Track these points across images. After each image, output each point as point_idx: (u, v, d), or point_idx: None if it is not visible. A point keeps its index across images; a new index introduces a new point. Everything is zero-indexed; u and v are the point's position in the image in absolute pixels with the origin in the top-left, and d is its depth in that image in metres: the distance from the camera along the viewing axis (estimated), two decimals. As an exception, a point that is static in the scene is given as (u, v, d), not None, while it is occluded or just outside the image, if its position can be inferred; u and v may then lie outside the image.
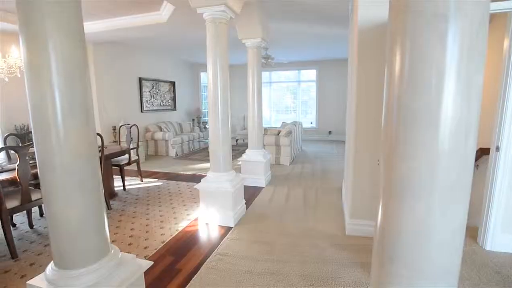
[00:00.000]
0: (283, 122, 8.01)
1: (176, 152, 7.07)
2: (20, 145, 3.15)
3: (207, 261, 2.45)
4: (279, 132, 6.25)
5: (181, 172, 5.49)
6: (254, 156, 4.52)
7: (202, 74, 10.03)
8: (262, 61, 5.23)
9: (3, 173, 2.63)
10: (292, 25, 5.04)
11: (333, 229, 3.01)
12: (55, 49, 1.21)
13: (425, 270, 0.99)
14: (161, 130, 7.28)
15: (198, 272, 2.29)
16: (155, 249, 2.65)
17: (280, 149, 6.04)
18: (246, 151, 4.65)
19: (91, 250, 1.38)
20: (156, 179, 5.03)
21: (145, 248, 2.67)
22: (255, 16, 3.98)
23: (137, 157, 4.73)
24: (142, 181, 4.87)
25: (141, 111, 7.31)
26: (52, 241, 1.36)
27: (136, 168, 4.91)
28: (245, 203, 3.53)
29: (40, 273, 2.28)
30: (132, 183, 4.80)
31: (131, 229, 3.07)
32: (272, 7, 4.10)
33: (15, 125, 5.00)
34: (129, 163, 4.44)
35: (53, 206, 1.31)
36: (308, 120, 10.02)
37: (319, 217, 3.34)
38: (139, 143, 5.37)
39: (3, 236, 2.84)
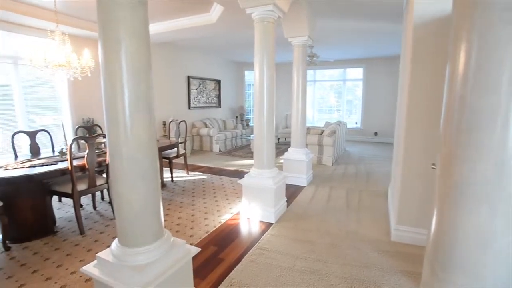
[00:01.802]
0: (326, 122, 7.84)
1: (219, 148, 7.33)
2: (88, 136, 3.56)
3: (248, 254, 2.53)
4: (322, 132, 6.14)
5: (224, 167, 5.69)
6: (297, 154, 4.51)
7: (247, 73, 10.23)
8: (307, 59, 5.18)
9: (75, 160, 2.99)
10: (339, 22, 4.90)
11: (377, 233, 2.90)
12: (126, 51, 1.36)
13: (483, 278, 0.93)
14: (206, 126, 7.61)
15: (240, 263, 2.38)
16: (200, 238, 2.81)
17: (322, 149, 5.93)
18: (289, 149, 4.66)
19: (149, 232, 1.53)
20: (200, 173, 5.29)
21: (190, 236, 2.85)
22: (302, 14, 3.96)
23: (184, 151, 5.02)
24: (188, 174, 5.16)
25: (189, 108, 7.72)
26: (118, 221, 1.53)
27: (183, 162, 5.21)
28: (286, 201, 3.55)
29: (103, 249, 2.57)
30: (179, 175, 5.11)
31: (178, 218, 3.28)
32: (320, 4, 4.04)
33: (83, 119, 5.63)
34: (177, 157, 4.74)
35: (119, 190, 1.47)
36: (352, 120, 9.65)
37: (362, 220, 3.23)
38: (186, 138, 5.68)
39: (73, 214, 3.24)
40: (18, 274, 2.25)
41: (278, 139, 8.73)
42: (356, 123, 9.56)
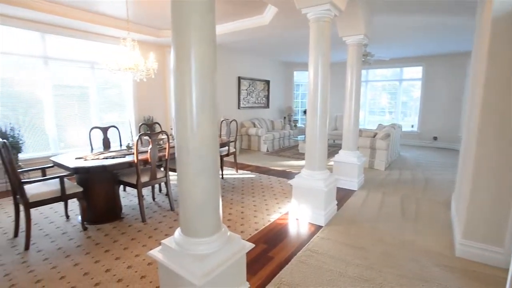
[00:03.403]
0: (379, 124, 7.42)
1: (267, 148, 7.42)
2: (149, 132, 3.88)
3: (297, 254, 2.53)
4: (375, 135, 5.83)
5: (272, 167, 5.75)
6: (348, 157, 4.36)
7: (295, 73, 10.17)
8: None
9: (140, 154, 3.29)
10: (399, 18, 4.60)
11: (437, 246, 2.67)
12: (195, 55, 1.47)
13: None
14: (254, 126, 7.76)
15: (289, 263, 2.39)
16: (250, 234, 2.89)
17: (375, 153, 5.63)
18: (340, 151, 4.53)
19: (209, 224, 1.63)
20: (249, 172, 5.42)
21: (241, 232, 2.94)
22: (359, 11, 3.82)
23: (234, 150, 5.18)
24: (237, 172, 5.32)
25: (238, 108, 7.94)
26: (181, 211, 1.66)
27: (232, 160, 5.38)
28: (336, 204, 3.46)
29: (161, 237, 2.79)
30: (229, 172, 5.29)
31: (229, 214, 3.41)
32: (378, 0, 3.84)
33: (144, 117, 6.15)
34: (227, 155, 4.92)
35: (184, 183, 1.60)
36: (406, 123, 8.98)
37: (420, 230, 3.00)
38: (236, 137, 5.86)
39: (136, 203, 3.57)
40: (93, 252, 2.56)
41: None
42: (412, 126, 8.88)
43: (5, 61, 4.30)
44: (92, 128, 3.97)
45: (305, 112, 9.75)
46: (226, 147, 4.84)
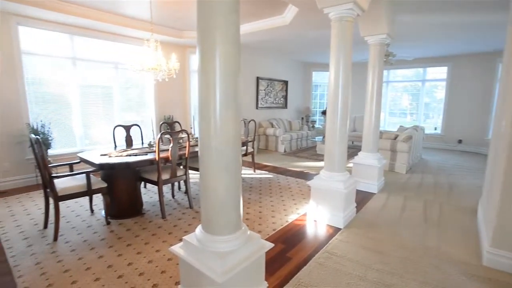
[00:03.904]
0: (400, 126, 7.22)
1: (284, 148, 7.40)
2: (170, 131, 3.97)
3: (315, 256, 2.51)
4: (396, 137, 5.68)
5: (289, 168, 5.72)
6: (368, 159, 4.27)
7: (314, 74, 10.07)
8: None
9: (161, 152, 3.37)
10: (423, 16, 4.46)
11: (463, 254, 2.57)
12: (220, 56, 1.49)
13: None
14: (272, 127, 7.76)
15: (307, 265, 2.38)
16: (268, 234, 2.89)
17: (396, 155, 5.49)
18: (359, 153, 4.44)
19: (230, 222, 1.65)
20: (266, 172, 5.42)
21: (259, 232, 2.95)
22: (382, 10, 3.73)
23: (252, 150, 5.20)
24: (255, 171, 5.34)
25: (256, 108, 7.96)
26: (203, 209, 1.69)
27: (250, 160, 5.41)
28: (355, 207, 3.40)
29: (181, 233, 2.85)
30: (246, 172, 5.32)
31: (247, 213, 3.43)
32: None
33: (164, 116, 6.30)
34: (245, 154, 4.94)
35: (206, 181, 1.62)
36: (428, 125, 8.67)
37: (444, 237, 2.90)
38: (254, 137, 5.88)
39: (156, 200, 3.66)
40: (116, 245, 2.65)
41: (345, 142, 8.37)
42: (435, 129, 8.57)
43: (37, 62, 4.54)
44: (116, 126, 4.11)
45: (323, 113, 9.64)
46: (244, 147, 4.87)
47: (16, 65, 4.26)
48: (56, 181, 2.77)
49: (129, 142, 4.19)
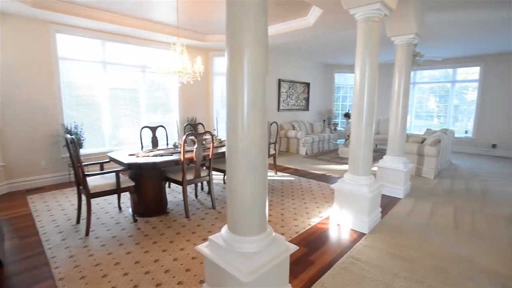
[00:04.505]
0: (427, 129, 6.93)
1: (306, 151, 7.33)
2: (193, 132, 4.06)
3: (339, 261, 2.46)
4: (423, 140, 5.46)
5: (311, 171, 5.66)
6: (393, 163, 4.14)
7: (336, 75, 9.92)
8: (411, 59, 4.69)
9: (186, 153, 3.46)
10: (454, 14, 4.27)
11: (500, 266, 2.42)
12: (248, 58, 1.51)
13: None
14: (293, 129, 7.71)
15: (331, 269, 2.34)
16: (290, 237, 2.88)
17: (423, 159, 5.27)
18: (384, 157, 4.32)
19: (256, 223, 1.66)
20: (288, 174, 5.40)
21: (281, 234, 2.94)
22: (410, 9, 3.62)
23: (274, 152, 5.20)
24: (276, 174, 5.33)
25: (278, 110, 7.96)
26: (229, 209, 1.72)
27: (271, 162, 5.40)
28: (380, 212, 3.31)
29: (204, 233, 2.90)
30: (268, 174, 5.28)
31: (269, 215, 3.42)
32: (433, -3, 3.62)
33: (187, 117, 6.45)
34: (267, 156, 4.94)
35: (233, 182, 1.65)
36: (457, 128, 8.26)
37: (478, 246, 2.74)
38: (276, 139, 5.88)
39: (180, 200, 3.75)
40: (143, 242, 2.75)
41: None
42: (466, 132, 8.16)
43: (71, 66, 4.81)
44: (143, 127, 4.26)
45: (345, 115, 9.45)
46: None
47: (54, 70, 4.54)
48: (88, 179, 2.91)
49: (155, 142, 4.33)
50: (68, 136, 2.78)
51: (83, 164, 3.17)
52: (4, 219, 3.22)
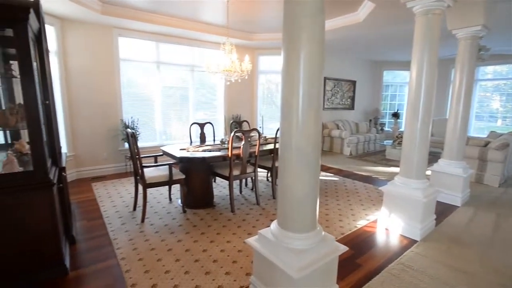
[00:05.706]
0: (491, 131, 6.25)
1: (350, 151, 7.08)
2: (239, 129, 4.17)
3: (388, 266, 2.36)
4: (486, 143, 4.94)
5: (356, 172, 5.46)
6: (450, 167, 3.82)
7: (385, 73, 9.39)
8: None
9: (233, 149, 3.57)
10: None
11: None
12: (305, 56, 1.52)
13: None
14: (338, 128, 7.50)
15: (379, 274, 2.25)
16: (336, 238, 2.82)
17: (485, 165, 4.78)
18: (439, 161, 4.01)
19: (306, 221, 1.67)
20: (331, 174, 5.28)
21: (326, 234, 2.90)
22: (478, -2, 3.29)
23: (317, 151, 5.11)
24: (320, 173, 5.24)
25: (322, 109, 7.79)
26: (280, 205, 1.75)
27: (314, 161, 5.32)
28: (435, 219, 3.08)
29: (249, 228, 2.97)
30: (310, 173, 5.25)
31: (312, 214, 3.40)
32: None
33: (232, 115, 6.63)
34: (310, 155, 4.88)
35: (286, 179, 1.67)
36: (522, 130, 7.29)
37: (555, 265, 2.43)
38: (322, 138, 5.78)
39: (226, 194, 3.88)
40: (192, 232, 2.91)
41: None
42: (539, 136, 7.17)
43: (129, 67, 5.24)
44: (192, 124, 4.49)
45: (394, 115, 8.92)
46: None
47: (115, 71, 4.99)
48: (145, 170, 3.16)
49: (203, 138, 4.53)
50: (129, 130, 3.05)
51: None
52: (75, 203, 3.64)
